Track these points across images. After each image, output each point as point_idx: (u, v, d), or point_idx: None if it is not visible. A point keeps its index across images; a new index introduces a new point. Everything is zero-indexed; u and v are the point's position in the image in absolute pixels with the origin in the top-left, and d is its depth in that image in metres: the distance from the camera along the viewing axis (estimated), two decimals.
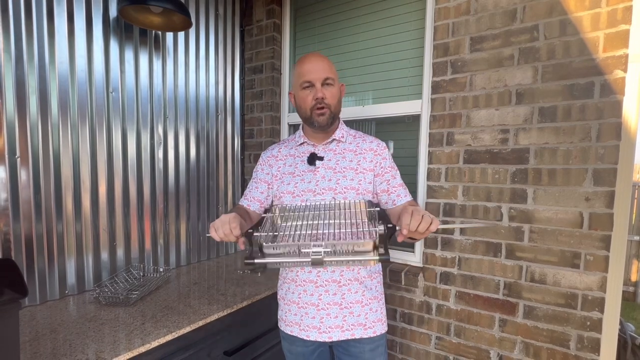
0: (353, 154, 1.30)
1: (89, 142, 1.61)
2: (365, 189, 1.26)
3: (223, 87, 2.27)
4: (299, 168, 1.32)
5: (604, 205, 1.30)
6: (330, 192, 1.24)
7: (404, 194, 1.28)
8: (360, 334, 1.24)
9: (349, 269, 1.24)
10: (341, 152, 1.31)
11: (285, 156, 1.37)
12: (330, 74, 1.25)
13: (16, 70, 1.39)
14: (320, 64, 1.25)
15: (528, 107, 1.43)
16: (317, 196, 1.25)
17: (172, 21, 1.71)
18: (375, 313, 1.27)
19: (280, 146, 1.42)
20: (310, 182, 1.28)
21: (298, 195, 1.28)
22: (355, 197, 1.23)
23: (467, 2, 1.53)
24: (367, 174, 1.27)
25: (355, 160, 1.29)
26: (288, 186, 1.30)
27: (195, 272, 1.97)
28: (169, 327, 1.29)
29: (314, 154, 1.31)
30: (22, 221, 1.42)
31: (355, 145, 1.32)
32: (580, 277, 1.35)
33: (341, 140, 1.32)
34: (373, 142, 1.32)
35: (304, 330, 1.27)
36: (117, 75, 1.71)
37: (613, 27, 1.27)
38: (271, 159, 1.39)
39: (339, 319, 1.24)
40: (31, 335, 1.22)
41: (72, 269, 1.58)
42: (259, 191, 1.38)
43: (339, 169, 1.28)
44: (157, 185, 1.91)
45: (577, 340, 1.36)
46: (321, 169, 1.28)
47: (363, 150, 1.30)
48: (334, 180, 1.26)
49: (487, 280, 1.54)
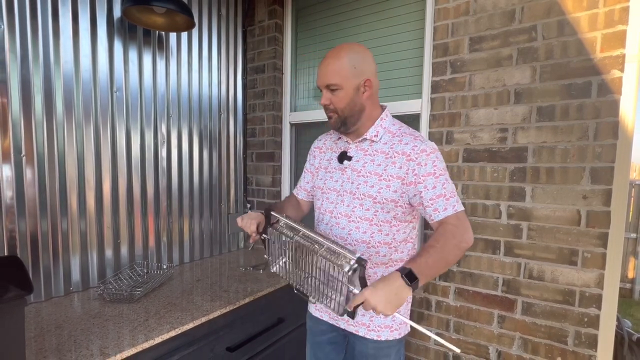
0: (384, 157, 1.16)
1: (93, 141, 1.63)
2: (386, 198, 1.14)
3: (225, 86, 2.29)
4: (332, 164, 1.29)
5: (601, 203, 1.32)
6: (350, 195, 1.20)
7: (444, 206, 1.08)
8: (363, 333, 1.23)
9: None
10: (372, 154, 1.19)
11: (327, 149, 1.35)
12: (333, 79, 1.14)
13: (21, 69, 1.40)
14: (325, 68, 1.16)
15: (526, 107, 1.44)
16: (339, 197, 1.23)
17: (175, 22, 1.73)
18: (382, 319, 1.21)
19: (327, 138, 1.39)
20: (337, 181, 1.25)
21: (325, 192, 1.28)
22: (371, 206, 1.16)
23: (467, 2, 1.55)
24: (392, 182, 1.13)
25: (384, 165, 1.15)
26: (320, 181, 1.31)
27: (198, 269, 1.98)
28: (172, 324, 1.30)
29: (345, 152, 1.25)
30: (28, 219, 1.43)
31: (389, 146, 1.17)
32: (577, 274, 1.37)
33: (374, 140, 1.20)
34: (409, 144, 1.13)
35: (319, 310, 1.36)
36: (121, 75, 1.72)
37: (610, 27, 1.29)
38: (315, 150, 1.40)
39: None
40: (36, 331, 1.23)
41: (76, 266, 1.59)
42: (305, 181, 1.43)
43: (364, 172, 1.18)
44: (160, 184, 1.93)
45: (575, 336, 1.38)
46: (348, 169, 1.23)
47: (394, 154, 1.14)
48: (355, 184, 1.19)
49: (486, 277, 1.55)
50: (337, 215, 1.22)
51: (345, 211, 1.20)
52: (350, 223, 1.19)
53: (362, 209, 1.17)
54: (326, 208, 1.27)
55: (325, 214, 1.27)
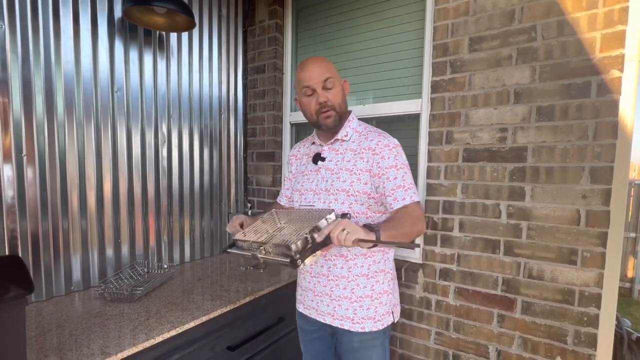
0: (352, 154, 1.29)
1: (94, 141, 1.63)
2: (358, 190, 1.24)
3: (226, 86, 2.30)
4: (308, 167, 1.40)
5: (601, 203, 1.32)
6: (325, 192, 1.30)
7: (402, 196, 1.20)
8: (348, 327, 1.30)
9: (334, 268, 1.31)
10: (343, 152, 1.32)
11: (302, 155, 1.49)
12: (328, 73, 1.25)
13: (22, 69, 1.40)
14: (317, 69, 1.25)
15: (526, 107, 1.45)
16: (316, 196, 1.33)
17: (176, 22, 1.73)
18: (366, 311, 1.29)
19: (300, 145, 1.53)
20: (313, 181, 1.36)
21: (303, 194, 1.38)
22: (345, 199, 1.26)
23: (466, 3, 1.56)
24: (362, 175, 1.25)
25: (353, 161, 1.27)
26: (298, 184, 1.42)
27: (199, 269, 1.99)
28: (172, 323, 1.31)
29: (318, 154, 1.37)
30: (29, 218, 1.44)
31: (357, 144, 1.30)
32: (577, 274, 1.37)
33: (344, 139, 1.32)
34: (373, 140, 1.27)
35: (307, 308, 1.42)
36: (122, 75, 1.73)
37: (610, 27, 1.29)
38: (292, 158, 1.54)
39: (330, 307, 1.33)
40: (37, 331, 1.24)
41: (77, 265, 1.60)
42: (285, 187, 1.58)
43: (337, 169, 1.30)
44: (161, 183, 1.94)
45: (574, 335, 1.39)
46: (322, 169, 1.34)
47: (362, 150, 1.27)
48: (330, 182, 1.30)
49: (485, 277, 1.56)
50: None
51: (322, 207, 1.29)
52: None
53: (337, 203, 1.27)
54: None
55: None
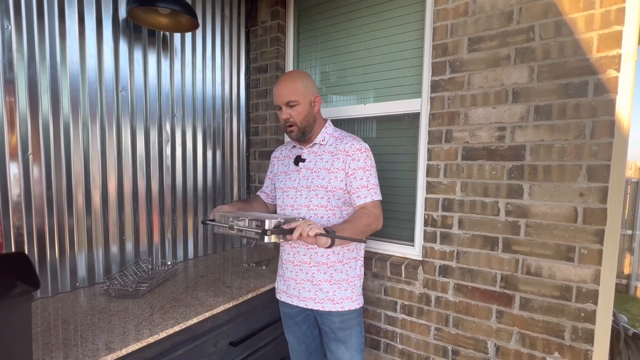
0: (330, 155, 1.46)
1: (99, 140, 1.65)
2: (335, 187, 1.43)
3: (229, 86, 2.32)
4: (289, 168, 1.56)
5: (598, 201, 1.34)
6: (306, 189, 1.47)
7: (364, 195, 1.40)
8: (329, 308, 1.46)
9: (315, 256, 1.46)
10: (321, 154, 1.49)
11: (284, 157, 1.63)
12: (292, 96, 1.41)
13: (29, 69, 1.42)
14: (283, 89, 1.42)
15: (524, 106, 1.46)
16: (298, 192, 1.49)
17: (179, 22, 1.75)
18: (344, 292, 1.47)
19: (282, 148, 1.68)
20: (295, 180, 1.52)
21: (285, 191, 1.54)
22: (324, 195, 1.44)
23: (465, 3, 1.57)
24: (338, 173, 1.43)
25: (331, 161, 1.45)
26: (280, 183, 1.58)
27: (202, 265, 2.01)
28: (176, 319, 1.33)
29: (299, 156, 1.54)
30: (35, 216, 1.46)
31: (334, 147, 1.47)
32: (574, 270, 1.39)
33: (322, 144, 1.50)
34: (348, 143, 1.44)
35: (290, 297, 1.55)
36: (126, 75, 1.75)
37: (607, 28, 1.31)
38: (274, 160, 1.69)
39: (312, 292, 1.48)
40: (43, 327, 1.25)
41: (82, 262, 1.62)
42: (265, 185, 1.77)
43: (316, 169, 1.47)
44: (165, 181, 1.96)
45: (572, 331, 1.40)
46: (303, 169, 1.51)
47: (338, 152, 1.45)
48: (310, 180, 1.47)
49: (484, 273, 1.58)
50: (298, 207, 1.48)
51: (304, 202, 1.47)
52: (310, 211, 1.46)
53: (317, 198, 1.44)
54: (287, 203, 1.53)
55: (287, 208, 1.53)
